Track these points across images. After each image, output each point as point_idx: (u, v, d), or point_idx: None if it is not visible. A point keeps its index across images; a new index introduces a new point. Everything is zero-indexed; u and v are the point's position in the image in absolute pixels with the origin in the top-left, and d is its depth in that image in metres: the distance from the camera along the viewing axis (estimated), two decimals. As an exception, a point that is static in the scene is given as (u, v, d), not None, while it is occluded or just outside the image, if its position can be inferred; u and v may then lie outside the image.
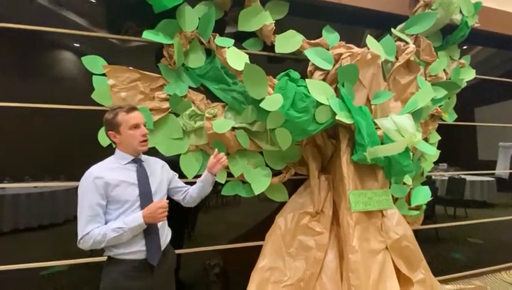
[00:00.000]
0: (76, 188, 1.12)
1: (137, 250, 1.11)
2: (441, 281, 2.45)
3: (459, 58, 2.60)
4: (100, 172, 1.11)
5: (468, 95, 2.99)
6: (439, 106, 2.38)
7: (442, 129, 2.67)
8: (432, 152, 1.74)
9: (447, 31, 2.49)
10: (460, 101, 2.74)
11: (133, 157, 1.20)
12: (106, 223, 1.10)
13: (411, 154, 2.14)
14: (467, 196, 3.25)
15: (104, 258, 1.17)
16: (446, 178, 3.26)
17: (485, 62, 3.13)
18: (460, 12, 2.45)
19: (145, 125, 1.22)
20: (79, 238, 1.06)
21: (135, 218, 1.08)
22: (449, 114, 2.55)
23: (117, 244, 1.09)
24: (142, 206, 1.13)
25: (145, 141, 1.20)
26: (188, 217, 2.09)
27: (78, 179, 1.13)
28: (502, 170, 3.45)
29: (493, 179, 3.32)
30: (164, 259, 1.19)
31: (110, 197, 1.10)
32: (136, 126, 1.17)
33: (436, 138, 2.46)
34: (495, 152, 3.38)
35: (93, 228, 1.05)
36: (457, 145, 3.09)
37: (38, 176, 1.79)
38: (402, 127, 1.58)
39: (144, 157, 1.26)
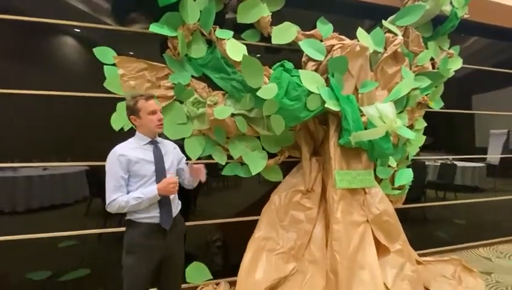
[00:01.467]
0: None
1: (153, 215, 1.33)
2: (422, 255, 2.70)
3: (449, 48, 2.73)
4: (123, 150, 1.31)
5: (468, 84, 3.15)
6: (426, 95, 2.54)
7: (442, 117, 2.83)
8: (412, 136, 1.92)
9: (437, 21, 2.60)
10: (460, 90, 2.89)
11: (150, 139, 1.39)
12: (128, 193, 1.31)
13: (397, 139, 2.34)
14: (457, 181, 3.40)
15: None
16: (438, 164, 3.44)
17: (481, 52, 3.24)
18: (451, 3, 2.55)
19: (160, 112, 1.41)
20: (107, 203, 1.28)
21: (151, 190, 1.29)
22: (436, 102, 2.70)
23: (137, 210, 1.31)
24: (157, 180, 1.34)
25: (161, 124, 1.40)
26: (193, 195, 2.30)
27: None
28: (492, 156, 3.62)
29: (483, 164, 3.48)
30: (175, 225, 1.41)
31: (131, 171, 1.31)
32: (154, 112, 1.36)
33: (422, 124, 2.63)
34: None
35: (118, 196, 1.27)
36: (455, 132, 3.25)
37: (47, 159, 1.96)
38: (384, 114, 1.76)
39: (159, 139, 1.46)
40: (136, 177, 1.31)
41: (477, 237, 3.17)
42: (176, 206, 1.45)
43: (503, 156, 3.56)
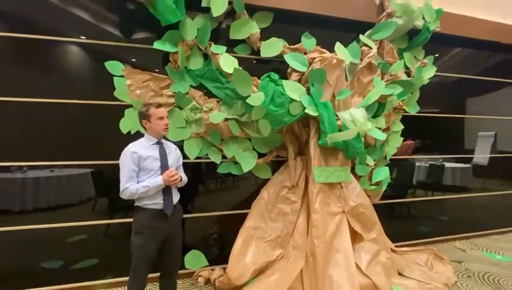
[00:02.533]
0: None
1: (156, 202, 1.61)
2: (402, 247, 2.95)
3: (424, 58, 3.01)
4: (136, 148, 1.60)
5: (460, 90, 3.42)
6: (402, 100, 2.82)
7: (435, 121, 3.10)
8: (381, 137, 2.19)
9: (413, 34, 2.89)
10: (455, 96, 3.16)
11: (157, 140, 1.68)
12: (138, 183, 1.59)
13: (373, 141, 2.61)
14: (446, 181, 3.61)
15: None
16: (428, 164, 3.67)
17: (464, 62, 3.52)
18: (424, 18, 2.85)
19: (167, 118, 1.70)
20: (121, 190, 1.56)
21: (157, 180, 1.58)
22: (412, 107, 2.98)
23: (144, 197, 1.58)
24: (162, 173, 1.62)
25: (167, 128, 1.69)
26: (192, 190, 2.57)
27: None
28: (479, 157, 3.86)
29: (469, 165, 3.72)
30: (175, 211, 1.68)
31: (141, 166, 1.59)
32: (162, 118, 1.65)
33: (399, 126, 2.90)
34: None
35: (129, 185, 1.55)
36: (445, 135, 3.51)
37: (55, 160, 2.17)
38: (356, 118, 2.04)
39: (163, 141, 1.74)
40: (145, 170, 1.60)
41: (455, 230, 3.42)
42: (176, 196, 1.73)
43: (492, 155, 3.76)
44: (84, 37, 2.22)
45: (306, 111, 2.11)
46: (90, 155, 2.24)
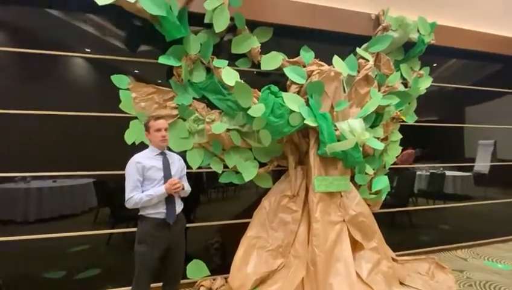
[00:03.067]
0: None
1: (159, 211, 1.65)
2: (403, 256, 2.95)
3: (420, 69, 3.10)
4: (140, 159, 1.66)
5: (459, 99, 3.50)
6: (399, 110, 2.89)
7: (435, 130, 3.14)
8: (379, 147, 2.25)
9: (409, 46, 2.98)
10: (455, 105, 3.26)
11: (160, 151, 1.74)
12: (142, 192, 1.64)
13: (372, 150, 2.65)
14: (447, 189, 3.60)
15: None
16: (428, 173, 3.69)
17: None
18: (418, 31, 2.95)
19: (166, 130, 1.75)
20: (126, 199, 1.62)
21: (160, 189, 1.63)
22: (409, 116, 3.04)
23: (148, 206, 1.63)
24: (165, 183, 1.66)
25: (164, 140, 1.73)
26: (194, 199, 2.61)
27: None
28: (480, 166, 3.88)
29: (470, 174, 3.73)
30: (178, 220, 1.72)
31: (145, 176, 1.65)
32: (159, 130, 1.71)
33: (397, 136, 2.96)
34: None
35: (134, 194, 1.60)
36: (446, 144, 3.55)
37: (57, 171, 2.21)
38: (354, 129, 2.10)
39: (167, 152, 1.80)
40: (149, 180, 1.65)
41: (456, 239, 3.42)
42: (179, 206, 1.77)
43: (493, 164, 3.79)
44: (89, 51, 2.31)
45: (305, 122, 2.18)
46: (94, 166, 2.29)
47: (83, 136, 2.28)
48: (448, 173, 3.64)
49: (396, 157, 2.95)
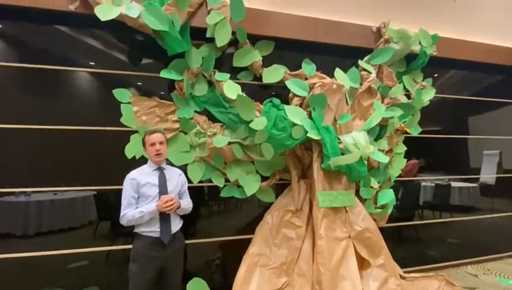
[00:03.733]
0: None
1: (153, 230, 1.59)
2: (410, 272, 2.84)
3: (422, 81, 3.08)
4: (135, 175, 1.62)
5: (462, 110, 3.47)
6: (403, 122, 2.85)
7: (439, 141, 3.09)
8: (384, 160, 2.20)
9: (411, 58, 2.98)
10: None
11: (157, 166, 1.69)
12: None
13: (377, 163, 2.60)
14: (453, 201, 3.52)
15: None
16: (433, 184, 3.61)
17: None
18: (420, 43, 2.95)
19: (162, 144, 1.69)
20: (120, 216, 1.57)
21: (151, 206, 1.57)
22: (413, 128, 3.01)
23: (142, 223, 1.57)
24: None
25: (158, 154, 1.67)
26: (195, 216, 2.55)
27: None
28: (486, 176, 3.80)
29: (476, 185, 3.65)
30: (174, 240, 1.64)
31: (140, 193, 1.60)
32: (153, 144, 1.66)
33: (402, 148, 2.91)
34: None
35: (127, 212, 1.56)
36: (451, 154, 3.50)
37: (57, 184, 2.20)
38: (358, 142, 2.06)
39: (166, 166, 1.76)
40: (144, 197, 1.61)
41: (465, 254, 3.30)
42: (177, 224, 1.70)
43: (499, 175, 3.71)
44: (93, 64, 2.32)
45: (308, 135, 2.14)
46: (95, 179, 2.26)
47: (85, 150, 2.26)
48: (453, 184, 3.56)
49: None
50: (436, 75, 3.24)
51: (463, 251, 3.32)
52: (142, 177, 1.62)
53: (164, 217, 1.61)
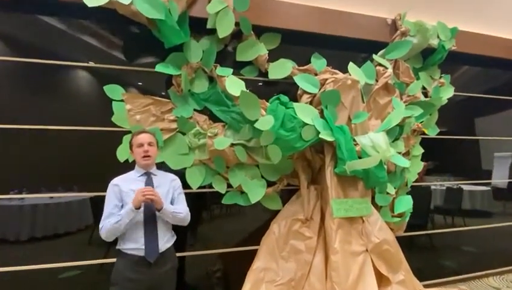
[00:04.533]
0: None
1: (137, 247, 1.35)
2: (430, 286, 2.61)
3: (440, 78, 2.85)
4: (118, 181, 1.41)
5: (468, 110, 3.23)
6: (420, 122, 2.62)
7: (447, 142, 2.88)
8: (406, 165, 1.97)
9: (427, 53, 2.75)
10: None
11: (144, 171, 1.48)
12: None
13: (394, 166, 2.38)
14: (464, 205, 3.32)
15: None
16: (444, 188, 3.40)
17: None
18: (438, 37, 2.72)
19: (151, 145, 1.48)
20: (99, 229, 1.35)
21: (127, 206, 1.33)
22: (431, 129, 2.78)
23: (124, 238, 1.35)
24: (145, 211, 1.37)
25: (146, 156, 1.45)
26: (193, 226, 2.33)
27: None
28: (498, 180, 3.59)
29: (489, 188, 3.43)
30: (163, 259, 1.39)
31: (123, 201, 1.38)
32: (140, 145, 1.45)
33: (419, 150, 2.68)
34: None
35: (106, 222, 1.34)
36: (461, 156, 3.26)
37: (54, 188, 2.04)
38: (377, 144, 1.83)
39: (156, 171, 1.53)
40: (126, 206, 1.36)
41: (485, 264, 3.06)
42: (167, 240, 1.45)
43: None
44: (86, 61, 2.12)
45: (320, 136, 1.92)
46: (92, 182, 2.04)
47: (80, 151, 2.08)
48: (465, 187, 3.34)
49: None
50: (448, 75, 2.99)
51: (482, 260, 3.08)
52: (125, 184, 1.41)
53: (149, 230, 1.36)
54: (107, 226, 1.32)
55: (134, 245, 1.35)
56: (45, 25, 2.09)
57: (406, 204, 2.34)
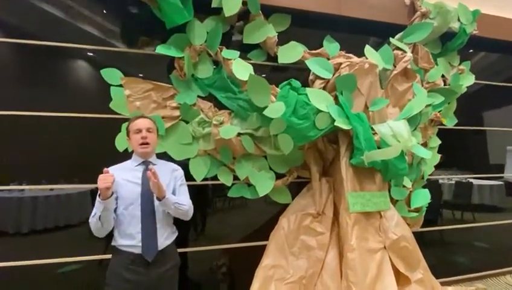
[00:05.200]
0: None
1: (133, 244, 1.22)
2: (445, 283, 2.49)
3: (459, 65, 2.67)
4: (112, 170, 1.25)
5: (477, 100, 3.05)
6: (439, 111, 2.46)
7: (454, 134, 2.72)
8: (427, 156, 1.82)
9: (446, 38, 2.57)
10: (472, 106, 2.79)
11: (142, 160, 1.34)
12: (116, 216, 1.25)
13: (411, 158, 2.23)
14: (474, 200, 3.23)
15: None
16: (453, 182, 3.27)
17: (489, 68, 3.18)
18: (459, 20, 2.53)
19: (150, 131, 1.35)
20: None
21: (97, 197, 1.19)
22: (449, 119, 2.61)
23: (119, 235, 1.24)
24: (143, 203, 1.24)
25: (144, 144, 1.31)
26: (198, 219, 2.21)
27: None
28: (510, 174, 3.44)
29: (502, 183, 3.30)
30: (163, 258, 1.27)
31: (117, 193, 1.24)
32: (138, 131, 1.32)
33: (436, 142, 2.53)
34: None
35: None
36: (468, 149, 3.10)
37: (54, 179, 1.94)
38: (397, 133, 1.68)
39: (156, 160, 1.40)
40: (121, 199, 1.25)
41: (501, 261, 2.94)
42: (167, 236, 1.32)
43: None
44: (76, 40, 1.96)
45: (336, 124, 1.77)
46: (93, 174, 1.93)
47: (81, 142, 1.97)
48: (475, 181, 3.22)
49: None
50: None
51: (498, 256, 2.95)
52: (120, 173, 1.26)
53: (147, 224, 1.23)
54: (91, 220, 1.21)
55: (131, 242, 1.22)
56: (38, 5, 1.93)
57: (423, 198, 2.20)
